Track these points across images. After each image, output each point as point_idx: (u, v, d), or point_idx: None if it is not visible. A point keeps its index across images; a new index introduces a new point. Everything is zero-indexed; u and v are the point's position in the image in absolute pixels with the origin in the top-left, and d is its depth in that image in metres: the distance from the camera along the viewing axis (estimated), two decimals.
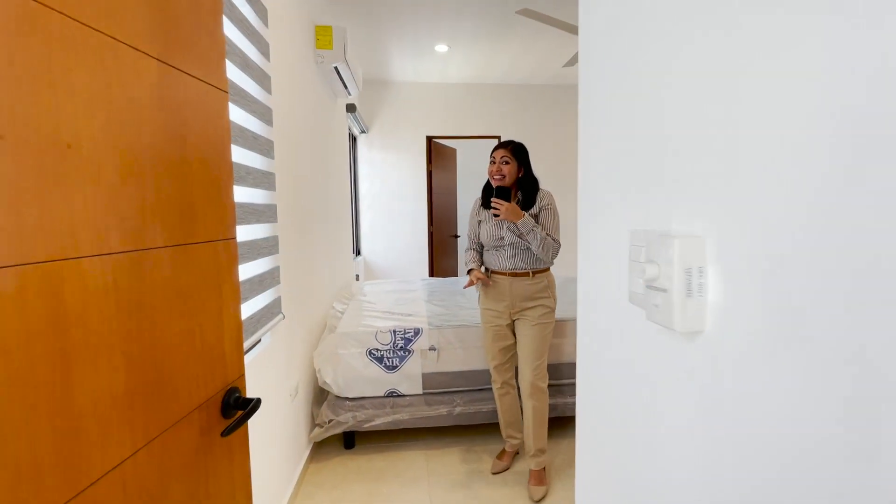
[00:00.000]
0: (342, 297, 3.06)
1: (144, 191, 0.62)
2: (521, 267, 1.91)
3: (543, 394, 1.94)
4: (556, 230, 1.90)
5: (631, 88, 0.63)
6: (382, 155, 4.77)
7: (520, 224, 1.82)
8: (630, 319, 0.65)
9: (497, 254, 1.95)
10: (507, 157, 1.91)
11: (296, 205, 2.02)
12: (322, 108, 2.72)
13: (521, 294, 1.91)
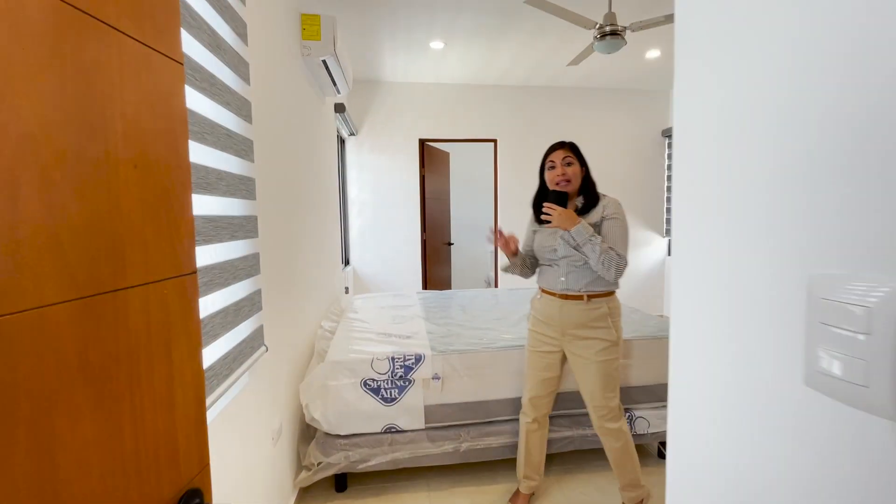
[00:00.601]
0: (331, 313, 2.79)
1: (15, 213, 0.36)
2: (574, 288, 1.62)
3: (618, 432, 1.67)
4: (621, 244, 1.58)
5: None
6: (373, 158, 4.51)
7: (574, 232, 1.54)
8: (811, 416, 0.41)
9: (549, 271, 1.70)
10: (569, 158, 1.66)
11: (280, 215, 1.75)
12: (309, 106, 2.46)
13: (572, 321, 1.62)
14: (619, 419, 1.69)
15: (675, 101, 0.61)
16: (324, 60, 2.35)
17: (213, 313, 1.06)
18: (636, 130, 4.88)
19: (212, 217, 1.07)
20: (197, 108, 1.01)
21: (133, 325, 0.49)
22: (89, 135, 0.44)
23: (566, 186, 1.63)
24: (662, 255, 5.03)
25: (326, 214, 2.98)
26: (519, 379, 1.97)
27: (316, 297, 2.52)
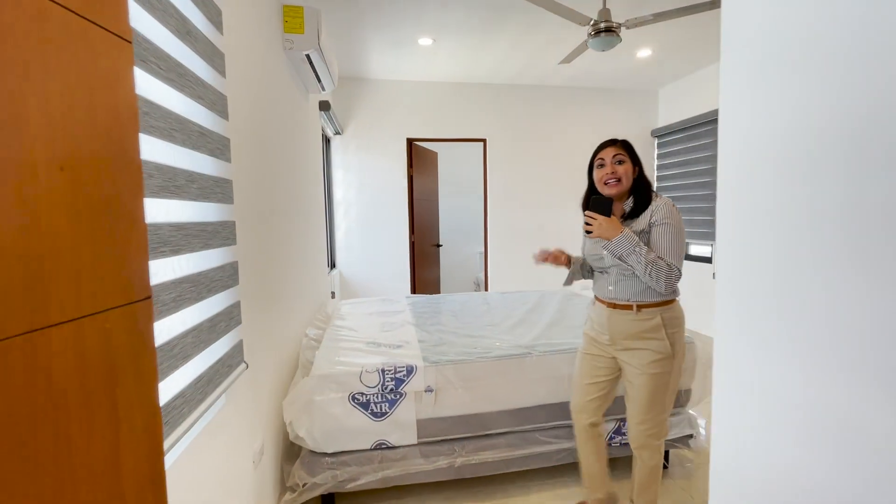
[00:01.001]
0: (317, 320, 2.67)
1: None
2: (623, 298, 1.49)
3: (657, 450, 1.57)
4: (672, 252, 1.41)
5: None
6: (359, 158, 4.38)
7: (615, 243, 1.41)
8: None
9: (600, 278, 1.59)
10: (621, 156, 1.49)
11: (261, 219, 1.63)
12: (292, 103, 2.34)
13: (622, 331, 1.51)
14: (661, 437, 1.55)
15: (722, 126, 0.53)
16: (307, 55, 2.23)
17: (182, 333, 0.94)
18: (626, 130, 4.84)
19: (181, 224, 0.96)
20: (163, 101, 0.89)
21: (58, 374, 0.38)
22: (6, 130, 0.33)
23: (616, 186, 1.49)
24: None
25: (311, 216, 2.85)
26: (514, 389, 1.88)
27: (300, 303, 2.39)
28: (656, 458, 1.58)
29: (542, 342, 2.05)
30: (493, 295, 3.27)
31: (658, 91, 4.85)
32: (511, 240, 4.73)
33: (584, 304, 2.88)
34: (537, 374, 1.89)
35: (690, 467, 2.13)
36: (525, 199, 4.71)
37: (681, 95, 4.52)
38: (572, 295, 3.17)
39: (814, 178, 0.42)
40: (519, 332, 2.26)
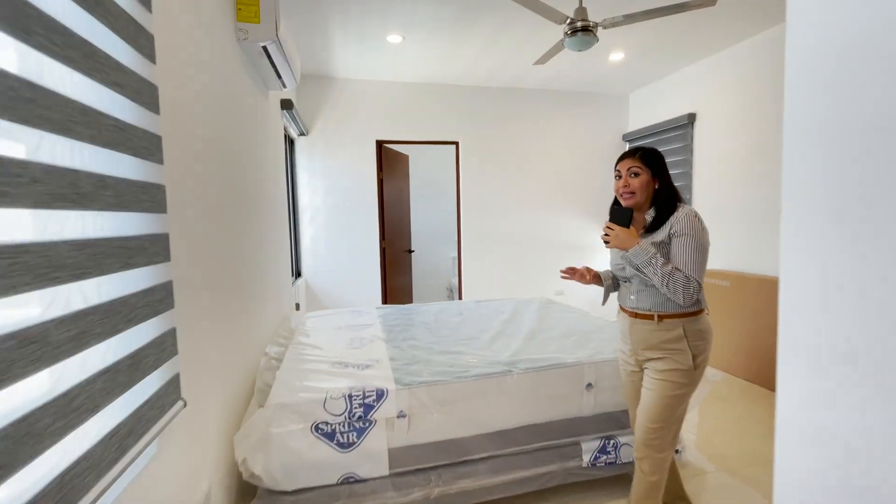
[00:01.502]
0: (279, 336, 2.46)
1: None
2: (644, 308, 1.49)
3: (660, 463, 1.49)
4: (691, 265, 1.38)
5: None
6: (326, 161, 4.16)
7: (631, 254, 1.42)
8: None
9: (624, 287, 1.59)
10: (636, 168, 1.48)
11: (210, 227, 1.43)
12: (248, 99, 2.13)
13: (642, 340, 1.50)
14: (666, 450, 1.49)
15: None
16: (264, 47, 2.03)
17: (88, 379, 0.75)
18: (598, 134, 4.83)
19: (87, 241, 0.76)
20: (57, 85, 0.70)
21: None
22: None
23: (630, 199, 1.49)
24: None
25: (273, 222, 2.64)
26: (495, 410, 1.74)
27: (260, 319, 2.18)
28: (657, 473, 1.50)
29: (522, 358, 1.92)
30: (467, 304, 3.13)
31: (629, 95, 4.86)
32: (485, 245, 4.62)
33: (562, 311, 2.78)
34: (519, 394, 1.76)
35: None
36: (499, 204, 4.62)
37: (651, 100, 4.54)
38: (548, 303, 3.08)
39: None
40: (497, 346, 2.12)
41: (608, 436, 1.90)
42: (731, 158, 3.62)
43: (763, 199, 3.32)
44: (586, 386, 1.84)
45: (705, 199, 3.89)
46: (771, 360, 3.06)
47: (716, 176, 3.77)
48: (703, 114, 3.89)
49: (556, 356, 1.93)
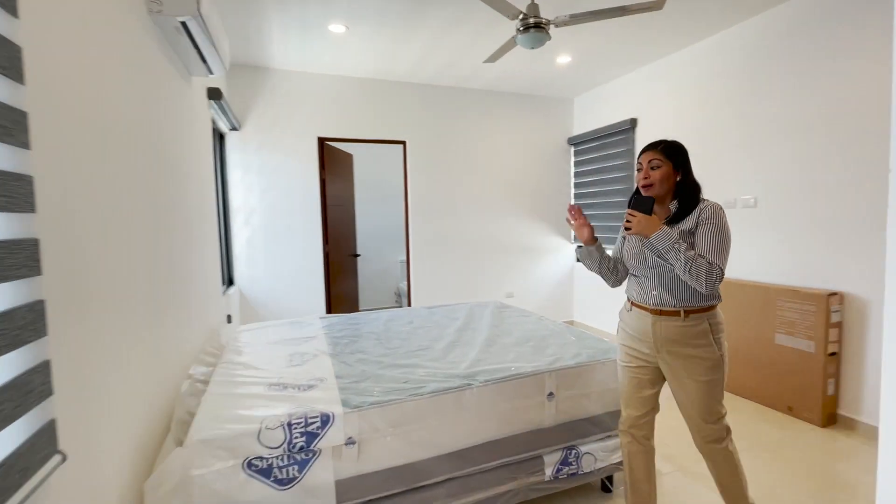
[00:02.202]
0: (206, 353, 2.16)
1: None
2: (670, 303, 1.47)
3: (724, 452, 1.52)
4: (715, 251, 1.39)
5: None
6: (262, 158, 3.83)
7: (654, 239, 1.39)
8: None
9: (640, 282, 1.55)
10: (656, 160, 1.48)
11: (106, 231, 1.16)
12: (164, 83, 1.84)
13: (668, 338, 1.48)
14: (725, 439, 1.52)
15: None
16: (183, 22, 1.76)
17: None
18: (545, 137, 4.87)
19: None
20: None
21: None
22: None
23: (649, 190, 1.49)
24: (571, 260, 5.09)
25: (199, 224, 2.33)
26: (453, 429, 1.60)
27: (181, 335, 1.89)
28: (729, 461, 1.53)
29: (480, 369, 1.80)
30: (419, 311, 2.98)
31: (574, 99, 4.95)
32: (435, 248, 4.48)
33: (517, 316, 2.71)
34: (479, 410, 1.63)
35: None
36: (448, 205, 4.51)
37: (594, 104, 4.64)
38: (503, 307, 3.00)
39: None
40: (453, 357, 1.99)
41: (569, 446, 1.82)
42: None
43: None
44: (548, 395, 1.76)
45: None
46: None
47: None
48: (643, 119, 4.02)
49: (516, 365, 1.83)
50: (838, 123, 2.56)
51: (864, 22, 2.42)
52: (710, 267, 1.36)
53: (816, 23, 2.64)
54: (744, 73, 3.09)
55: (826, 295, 2.51)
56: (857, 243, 2.50)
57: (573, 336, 2.23)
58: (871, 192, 2.43)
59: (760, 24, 2.96)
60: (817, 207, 2.67)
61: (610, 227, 4.42)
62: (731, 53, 3.18)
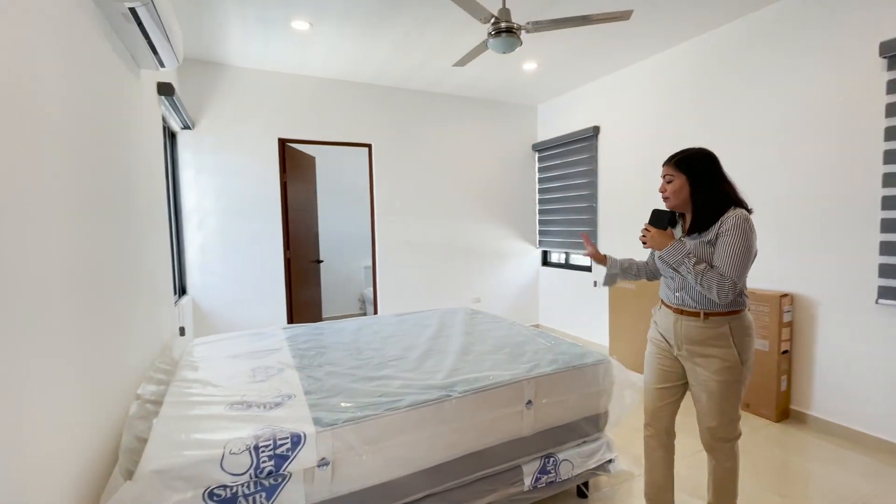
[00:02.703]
0: (157, 370, 1.98)
1: None
2: (691, 305, 1.54)
3: (730, 451, 1.58)
4: (730, 263, 1.42)
5: None
6: (218, 159, 3.61)
7: (664, 254, 1.50)
8: None
9: (667, 282, 1.64)
10: (669, 174, 1.55)
11: (24, 236, 1.02)
12: (108, 73, 1.67)
13: (688, 336, 1.55)
14: (732, 440, 1.57)
15: None
16: (132, 9, 1.60)
17: None
18: (510, 143, 4.92)
19: None
20: None
21: None
22: None
23: (666, 203, 1.59)
24: (537, 265, 5.15)
25: (147, 228, 2.14)
26: (432, 443, 1.54)
27: (126, 350, 1.71)
28: (731, 460, 1.59)
29: (458, 378, 1.74)
30: (388, 319, 2.89)
31: (538, 106, 5.03)
32: (401, 253, 4.40)
33: (489, 322, 2.68)
34: (458, 421, 1.58)
35: (608, 492, 2.04)
36: (415, 210, 4.44)
37: (558, 112, 4.73)
38: (474, 313, 2.96)
39: None
40: (428, 366, 1.92)
41: (548, 454, 1.80)
42: (629, 170, 3.88)
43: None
44: (526, 403, 1.73)
45: (609, 207, 4.12)
46: None
47: (620, 185, 4.01)
48: (605, 127, 4.14)
49: (493, 373, 1.79)
50: (789, 135, 2.72)
51: (818, 37, 2.59)
52: (722, 279, 1.41)
53: (772, 37, 2.81)
54: (702, 83, 3.24)
55: (778, 296, 2.65)
56: (805, 247, 2.66)
57: (547, 342, 2.22)
58: (815, 199, 2.59)
59: (719, 37, 3.12)
60: (769, 214, 2.83)
61: (571, 231, 4.51)
62: (690, 64, 3.32)
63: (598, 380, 1.91)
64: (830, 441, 2.49)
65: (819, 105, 2.56)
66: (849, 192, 2.45)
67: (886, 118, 2.27)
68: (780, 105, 2.75)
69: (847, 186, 2.45)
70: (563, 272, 4.78)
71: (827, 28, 2.50)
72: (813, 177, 2.60)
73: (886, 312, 2.33)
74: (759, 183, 2.88)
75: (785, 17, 2.70)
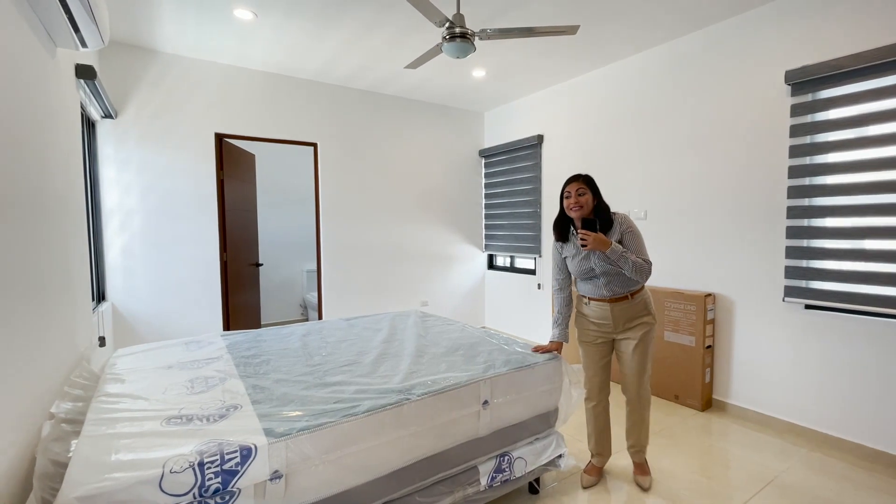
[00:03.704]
0: (73, 385, 1.77)
1: None
2: (619, 292, 1.98)
3: (647, 401, 2.08)
4: (643, 250, 1.94)
5: None
6: (144, 153, 3.31)
7: (609, 252, 1.86)
8: None
9: (592, 283, 2.02)
10: (582, 189, 1.94)
11: None
12: (16, 50, 1.47)
13: (623, 316, 2.00)
14: (648, 393, 2.06)
15: None
16: None
17: None
18: (457, 148, 4.98)
19: None
20: None
21: None
22: None
23: (578, 211, 1.92)
24: (483, 269, 5.25)
25: (60, 228, 1.90)
26: (391, 448, 1.50)
27: (34, 365, 1.50)
28: (646, 409, 2.07)
29: (415, 381, 1.72)
30: (337, 323, 2.79)
31: (485, 114, 5.15)
32: (347, 256, 4.29)
33: (441, 325, 2.68)
34: (418, 425, 1.55)
35: (558, 486, 2.10)
36: (362, 212, 4.35)
37: (504, 120, 4.87)
38: (425, 316, 2.95)
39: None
40: (384, 370, 1.88)
41: (503, 453, 1.83)
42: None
43: None
44: (483, 404, 1.74)
45: (552, 213, 4.30)
46: None
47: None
48: (549, 136, 4.32)
49: (450, 375, 1.78)
50: (710, 150, 3.00)
51: (735, 63, 2.88)
52: (645, 264, 1.90)
53: (696, 61, 3.08)
54: (638, 98, 3.49)
55: (703, 296, 2.90)
56: (725, 251, 2.94)
57: (500, 342, 2.26)
58: (733, 208, 2.88)
59: (651, 58, 3.37)
60: (691, 220, 3.10)
61: (515, 235, 4.65)
62: (626, 81, 3.57)
63: (550, 377, 1.98)
64: (747, 426, 2.76)
65: (735, 124, 2.85)
66: (761, 202, 2.75)
67: (790, 138, 2.58)
68: (702, 122, 3.03)
69: (759, 197, 2.75)
70: (509, 275, 4.91)
71: (742, 56, 2.80)
72: (731, 188, 2.89)
73: (791, 309, 2.64)
74: (685, 192, 3.14)
75: (708, 45, 2.98)
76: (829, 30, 2.43)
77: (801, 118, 2.54)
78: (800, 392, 2.62)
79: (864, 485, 2.13)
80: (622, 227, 1.93)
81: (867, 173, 2.31)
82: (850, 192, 2.36)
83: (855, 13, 2.33)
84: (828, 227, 2.46)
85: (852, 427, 2.42)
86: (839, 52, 2.39)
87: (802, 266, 2.56)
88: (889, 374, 2.28)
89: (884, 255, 2.26)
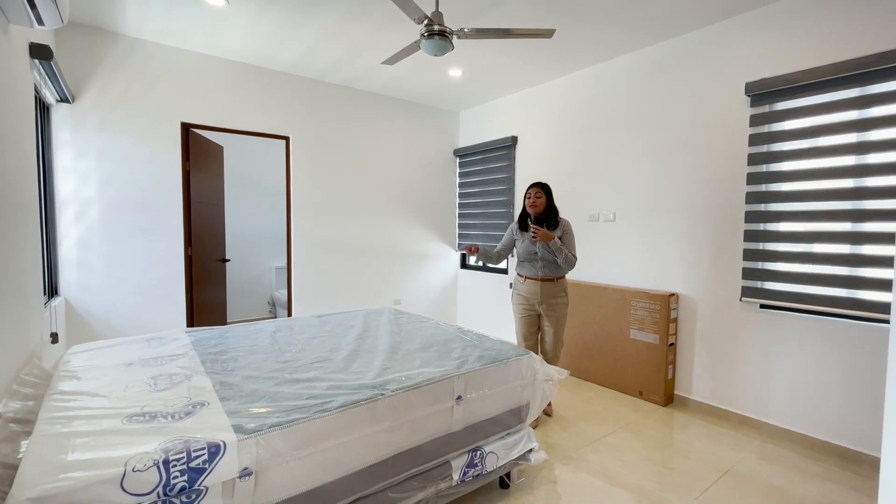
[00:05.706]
0: (22, 384, 1.67)
1: None
2: (549, 274, 2.73)
3: (558, 359, 2.84)
4: (574, 248, 2.74)
5: None
6: (104, 140, 3.15)
7: (551, 244, 2.62)
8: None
9: (531, 265, 2.77)
10: (539, 193, 2.72)
11: None
12: None
13: (548, 293, 2.74)
14: (561, 354, 2.90)
15: None
16: None
17: None
18: (432, 147, 4.98)
19: None
20: None
21: None
22: None
23: (534, 210, 2.72)
24: (456, 267, 5.27)
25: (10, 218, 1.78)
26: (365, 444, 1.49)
27: None
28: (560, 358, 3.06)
29: (389, 377, 1.71)
30: (309, 320, 2.74)
31: (460, 113, 5.17)
32: (318, 252, 4.21)
33: (415, 322, 2.68)
34: (391, 420, 1.55)
35: (528, 481, 2.14)
36: (334, 208, 4.28)
37: (479, 120, 4.91)
38: (398, 313, 2.94)
39: None
40: (357, 367, 1.86)
41: (475, 448, 1.85)
42: (543, 179, 4.16)
43: (574, 216, 3.88)
44: (456, 399, 1.75)
45: None
46: (592, 355, 3.56)
47: None
48: (523, 138, 4.39)
49: (424, 370, 1.79)
50: (674, 156, 3.13)
51: (699, 73, 3.01)
52: (573, 259, 2.69)
53: (663, 69, 3.20)
54: (609, 104, 3.59)
55: (667, 295, 3.02)
56: (688, 253, 3.07)
57: (473, 339, 2.28)
58: (696, 211, 3.01)
59: (621, 65, 3.48)
60: (657, 222, 3.22)
61: (489, 235, 4.70)
62: (600, 86, 3.66)
63: (522, 373, 2.01)
64: (705, 420, 2.89)
65: (700, 132, 2.99)
66: (723, 206, 2.88)
67: (749, 146, 2.73)
68: (669, 129, 3.15)
69: (721, 202, 2.89)
70: (481, 275, 4.95)
71: (707, 67, 2.94)
72: (696, 193, 3.02)
73: (747, 308, 2.78)
74: (652, 196, 3.26)
75: (675, 54, 3.11)
76: (788, 45, 2.58)
77: (759, 128, 2.69)
78: (754, 387, 2.77)
79: (811, 473, 2.27)
80: (564, 228, 2.72)
81: (818, 181, 2.47)
82: (803, 199, 2.51)
83: (812, 30, 2.49)
84: (781, 230, 2.61)
85: (800, 419, 2.58)
86: (796, 66, 2.54)
87: (758, 268, 2.70)
88: (833, 370, 2.44)
89: (831, 258, 2.41)
